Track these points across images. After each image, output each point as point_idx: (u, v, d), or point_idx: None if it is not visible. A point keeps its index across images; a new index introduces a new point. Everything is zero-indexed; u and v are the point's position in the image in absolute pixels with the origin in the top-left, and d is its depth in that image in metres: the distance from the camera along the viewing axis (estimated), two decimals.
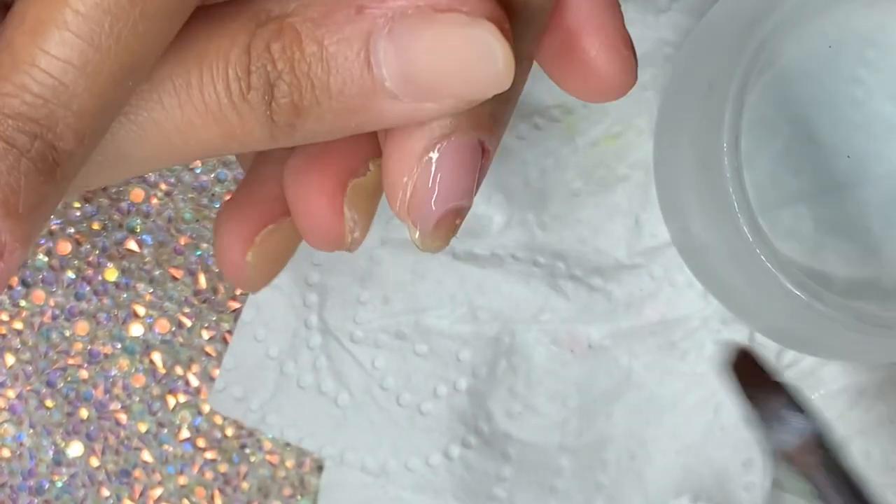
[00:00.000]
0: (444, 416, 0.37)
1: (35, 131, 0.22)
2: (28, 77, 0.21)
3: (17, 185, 0.22)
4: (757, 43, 0.31)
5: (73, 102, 0.22)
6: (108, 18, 0.21)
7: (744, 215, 0.32)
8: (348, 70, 0.24)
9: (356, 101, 0.24)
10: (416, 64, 0.24)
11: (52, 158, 0.22)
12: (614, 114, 0.37)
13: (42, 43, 0.21)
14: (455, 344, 0.37)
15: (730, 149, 0.32)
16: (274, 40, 0.24)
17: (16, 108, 0.21)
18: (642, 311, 0.37)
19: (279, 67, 0.24)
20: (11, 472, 0.38)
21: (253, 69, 0.24)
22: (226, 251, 0.30)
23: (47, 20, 0.21)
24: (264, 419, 0.37)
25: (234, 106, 0.24)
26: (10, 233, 0.22)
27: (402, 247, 0.37)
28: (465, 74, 0.24)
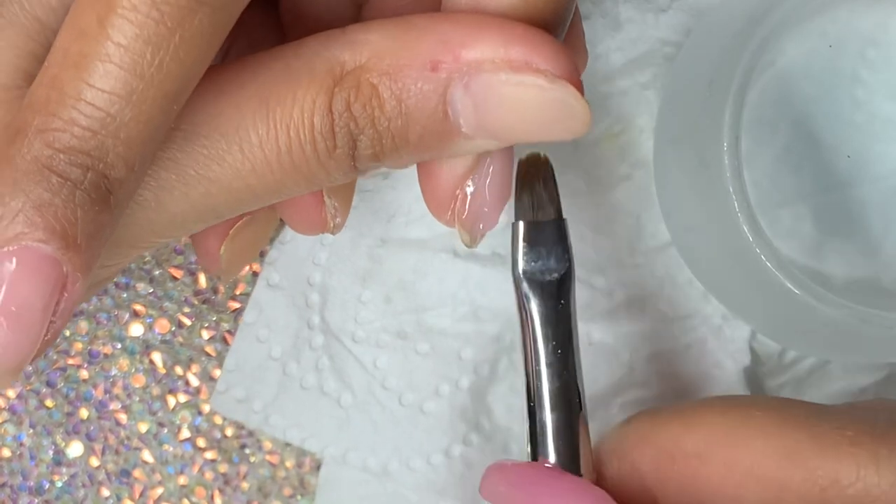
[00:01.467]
0: (446, 414, 0.37)
1: (87, 163, 0.22)
2: (76, 111, 0.22)
3: (73, 217, 0.22)
4: (757, 42, 0.31)
5: (122, 132, 0.22)
6: (149, 48, 0.22)
7: (744, 215, 0.32)
8: (426, 122, 0.25)
9: (432, 144, 0.25)
10: (494, 117, 0.25)
11: (105, 188, 0.22)
12: (615, 113, 0.37)
13: (87, 77, 0.22)
14: (457, 342, 0.37)
15: (730, 148, 0.31)
16: (354, 99, 0.24)
17: (66, 142, 0.22)
18: (643, 310, 0.37)
19: (361, 125, 0.24)
20: (11, 472, 0.38)
21: (337, 130, 0.24)
22: (202, 243, 0.31)
23: (90, 54, 0.22)
24: (267, 420, 0.37)
25: (322, 164, 0.25)
26: (72, 264, 0.22)
27: (403, 246, 0.37)
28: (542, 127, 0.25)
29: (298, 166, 0.25)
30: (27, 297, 0.22)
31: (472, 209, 0.27)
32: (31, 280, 0.22)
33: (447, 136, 0.25)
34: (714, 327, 0.37)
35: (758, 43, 0.31)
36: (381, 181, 0.37)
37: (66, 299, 0.23)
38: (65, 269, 0.22)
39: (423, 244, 0.37)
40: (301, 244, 0.37)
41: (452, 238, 0.37)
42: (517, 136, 0.25)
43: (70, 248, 0.22)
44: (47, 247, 0.22)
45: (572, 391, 0.29)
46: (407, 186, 0.37)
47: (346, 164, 0.25)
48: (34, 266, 0.22)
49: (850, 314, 0.32)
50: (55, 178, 0.22)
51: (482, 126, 0.25)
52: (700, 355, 0.37)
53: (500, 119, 0.25)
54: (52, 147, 0.22)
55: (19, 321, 0.22)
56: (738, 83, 0.31)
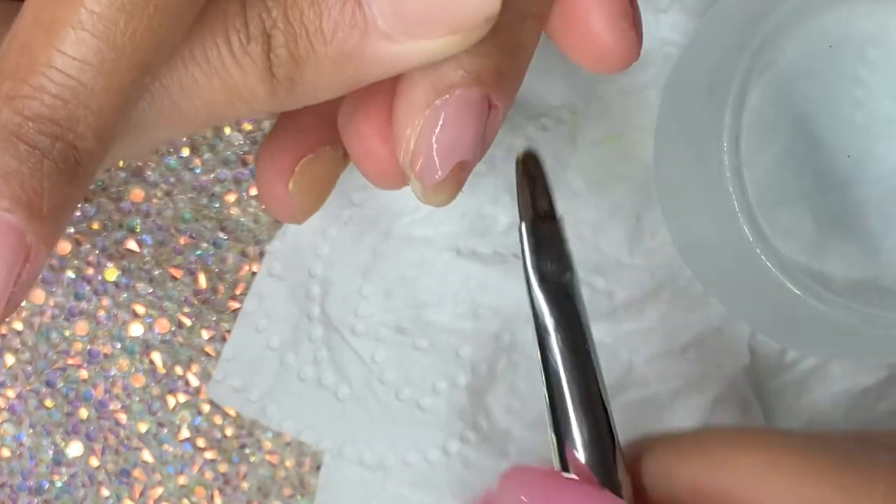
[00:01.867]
0: (443, 411, 0.37)
1: (56, 132, 0.22)
2: (45, 78, 0.21)
3: (40, 186, 0.22)
4: (757, 42, 0.32)
5: (93, 101, 0.22)
6: (122, 16, 0.21)
7: (744, 215, 0.32)
8: (339, 11, 0.24)
9: (350, 43, 0.24)
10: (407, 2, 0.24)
11: (73, 158, 0.22)
12: (615, 114, 0.37)
13: (58, 43, 0.21)
14: (455, 340, 0.37)
15: (730, 148, 0.32)
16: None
17: (35, 109, 0.22)
18: (643, 310, 0.37)
19: (273, 14, 0.24)
20: (11, 472, 0.38)
21: (249, 19, 0.24)
22: (268, 185, 0.30)
23: (62, 20, 0.21)
24: (263, 411, 0.37)
25: (236, 59, 0.24)
26: (36, 234, 0.22)
27: (406, 242, 0.37)
28: (451, 5, 0.24)
29: (211, 60, 0.24)
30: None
31: (417, 153, 0.26)
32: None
33: (363, 33, 0.24)
34: (714, 327, 0.37)
35: (758, 43, 0.32)
36: None
37: (27, 270, 0.22)
38: (28, 240, 0.22)
39: (426, 242, 0.37)
40: (304, 235, 0.37)
41: (456, 238, 0.37)
42: (428, 22, 0.24)
43: (35, 219, 0.22)
44: (12, 216, 0.21)
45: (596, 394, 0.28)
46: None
47: (261, 64, 0.24)
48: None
49: (850, 314, 0.32)
50: (23, 147, 0.21)
51: (396, 14, 0.24)
52: (700, 355, 0.37)
53: (412, 3, 0.24)
54: (21, 114, 0.21)
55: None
56: (739, 83, 0.31)
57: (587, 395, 0.28)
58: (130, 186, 0.38)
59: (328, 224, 0.37)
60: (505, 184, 0.37)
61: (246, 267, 0.38)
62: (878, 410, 0.38)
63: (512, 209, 0.37)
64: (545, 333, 0.28)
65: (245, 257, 0.38)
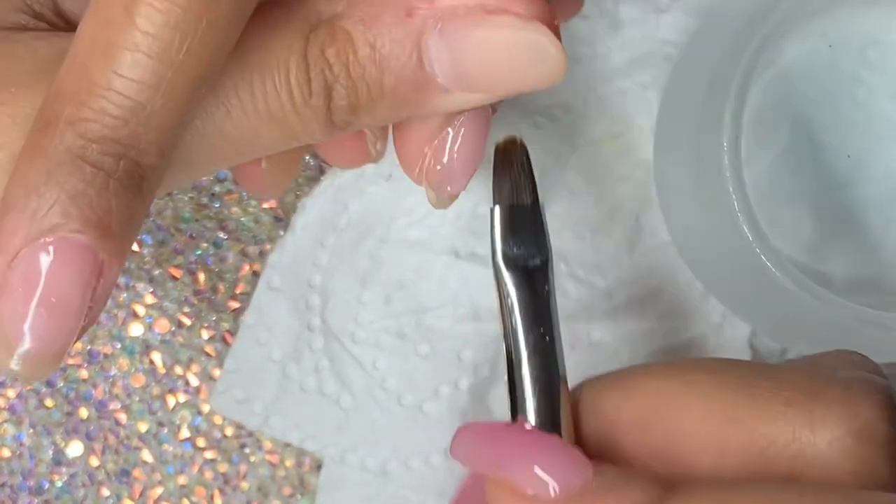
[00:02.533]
0: (446, 415, 0.37)
1: (119, 152, 0.22)
2: (106, 101, 0.22)
3: (108, 205, 0.22)
4: (757, 42, 0.32)
5: (153, 119, 0.22)
6: (177, 35, 0.22)
7: (744, 215, 0.32)
8: (401, 70, 0.25)
9: (409, 96, 0.25)
10: (469, 62, 0.25)
11: (137, 175, 0.23)
12: (615, 113, 0.37)
13: (116, 66, 0.22)
14: (457, 343, 0.37)
15: (730, 148, 0.32)
16: (328, 45, 0.24)
17: (98, 132, 0.22)
18: (643, 310, 0.37)
19: (336, 71, 0.24)
20: (11, 472, 0.38)
21: (312, 76, 0.24)
22: (241, 167, 0.30)
23: (118, 43, 0.22)
24: (267, 422, 0.37)
25: (297, 111, 0.25)
26: (107, 251, 0.23)
27: (403, 247, 0.37)
28: (517, 73, 0.25)
29: (273, 114, 0.24)
30: (66, 288, 0.22)
31: (440, 168, 0.27)
32: (68, 270, 0.22)
33: (423, 88, 0.25)
34: (714, 326, 0.37)
35: (758, 43, 0.32)
36: (383, 182, 0.37)
37: (101, 285, 0.23)
38: (100, 257, 0.22)
39: (424, 245, 0.37)
40: (302, 247, 0.37)
41: (453, 239, 0.37)
42: (493, 83, 0.25)
43: (106, 237, 0.22)
44: (83, 236, 0.22)
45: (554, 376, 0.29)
46: (409, 188, 0.37)
47: (322, 115, 0.25)
48: (71, 256, 0.22)
49: (850, 314, 0.32)
50: (88, 168, 0.22)
51: (457, 74, 0.25)
52: (700, 354, 0.38)
53: (474, 65, 0.25)
54: (85, 137, 0.22)
55: (59, 311, 0.22)
56: (739, 83, 0.31)
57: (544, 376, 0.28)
58: None
59: (325, 234, 0.37)
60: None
61: (246, 267, 0.38)
62: None
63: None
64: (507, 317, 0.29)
65: (245, 257, 0.38)
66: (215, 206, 0.38)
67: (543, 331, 0.28)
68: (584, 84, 0.37)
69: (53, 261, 0.22)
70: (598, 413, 0.29)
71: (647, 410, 0.28)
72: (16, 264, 0.22)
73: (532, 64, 0.25)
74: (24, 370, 0.23)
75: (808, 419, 0.26)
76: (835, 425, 0.26)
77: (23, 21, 0.26)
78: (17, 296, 0.22)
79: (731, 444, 0.27)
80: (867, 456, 0.26)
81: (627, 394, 0.29)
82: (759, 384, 0.27)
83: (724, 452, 0.27)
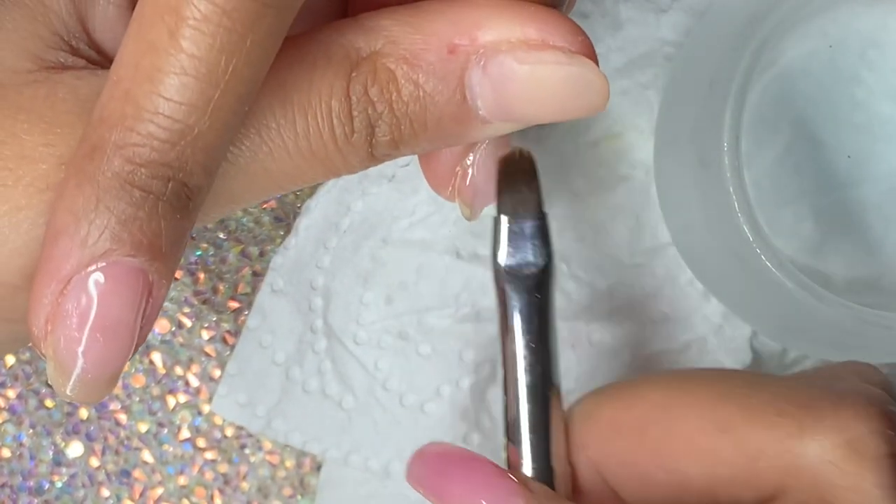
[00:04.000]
0: (447, 415, 0.37)
1: (168, 175, 0.22)
2: (153, 125, 0.22)
3: (158, 228, 0.22)
4: (757, 42, 0.32)
5: (199, 140, 0.22)
6: (223, 57, 0.22)
7: (744, 215, 0.32)
8: (444, 106, 0.25)
9: (450, 129, 0.25)
10: (513, 97, 0.25)
11: (185, 195, 0.23)
12: (615, 114, 0.37)
13: (162, 90, 0.22)
14: (458, 344, 0.37)
15: (730, 148, 0.32)
16: (371, 83, 0.24)
17: (146, 156, 0.22)
18: (644, 310, 0.37)
19: (379, 110, 0.24)
20: (11, 472, 0.38)
21: (355, 114, 0.24)
22: None
23: (164, 68, 0.22)
24: (269, 425, 0.37)
25: (339, 149, 0.25)
26: (158, 272, 0.23)
27: (405, 247, 0.37)
28: (562, 105, 0.25)
29: (316, 152, 0.25)
30: (118, 311, 0.23)
31: (472, 184, 0.28)
32: (121, 294, 0.22)
33: (465, 121, 0.25)
34: (714, 326, 0.37)
35: (758, 43, 0.32)
36: (386, 183, 0.37)
37: (151, 305, 0.23)
38: (151, 278, 0.23)
39: (425, 245, 0.37)
40: (305, 248, 0.37)
41: (455, 240, 0.37)
42: (536, 116, 0.25)
43: (156, 259, 0.23)
44: (135, 260, 0.22)
45: (546, 383, 0.29)
46: (411, 188, 0.37)
47: (363, 151, 0.25)
48: (124, 280, 0.22)
49: (850, 314, 0.32)
50: (138, 193, 0.22)
51: (500, 108, 0.25)
52: (700, 354, 0.37)
53: (518, 100, 0.25)
54: (133, 162, 0.22)
55: (112, 335, 0.23)
56: (739, 83, 0.31)
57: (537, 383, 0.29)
58: None
59: (328, 235, 0.37)
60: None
61: (246, 267, 0.38)
62: None
63: None
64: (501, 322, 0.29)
65: (245, 257, 0.38)
66: None
67: (540, 339, 0.29)
68: None
69: (106, 285, 0.22)
70: (598, 419, 0.29)
71: (645, 419, 0.28)
72: (69, 291, 0.22)
73: (577, 96, 0.25)
74: (80, 395, 0.23)
75: (798, 430, 0.27)
76: (824, 437, 0.26)
77: (61, 59, 0.26)
78: (72, 322, 0.22)
79: (724, 454, 0.27)
80: (857, 470, 0.26)
81: (627, 403, 0.29)
82: (753, 395, 0.28)
83: (716, 461, 0.27)
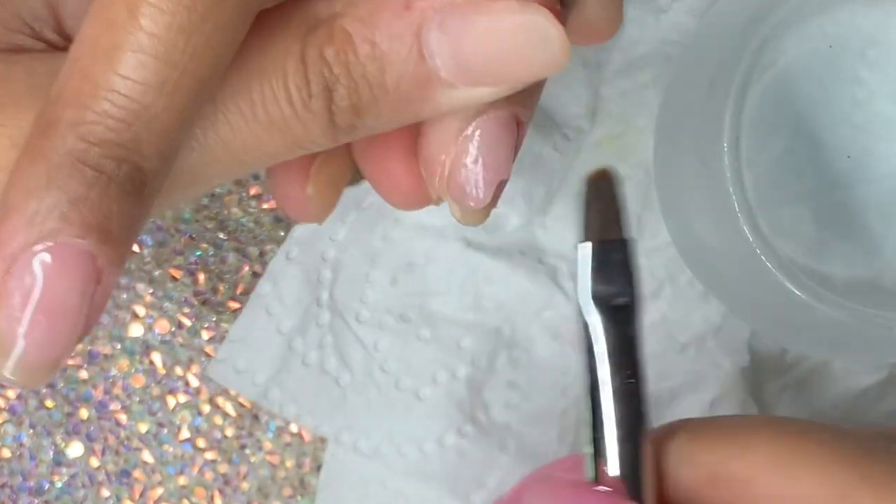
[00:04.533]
0: (442, 403, 0.37)
1: (121, 156, 0.22)
2: (108, 103, 0.22)
3: (109, 210, 0.22)
4: (758, 42, 0.31)
5: (155, 122, 0.22)
6: (181, 37, 0.22)
7: (744, 215, 0.32)
8: (402, 66, 0.24)
9: (412, 93, 0.24)
10: (470, 53, 0.24)
11: (139, 179, 0.22)
12: (615, 114, 0.37)
13: (119, 68, 0.22)
14: (457, 330, 0.37)
15: (730, 149, 0.32)
16: (327, 45, 0.24)
17: (100, 134, 0.22)
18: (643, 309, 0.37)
19: (336, 72, 0.24)
20: (11, 473, 0.38)
21: (311, 77, 0.24)
22: (284, 189, 0.30)
23: (122, 45, 0.22)
24: (266, 394, 0.37)
25: (298, 116, 0.24)
26: (107, 257, 0.22)
27: (417, 230, 0.37)
28: (520, 60, 0.24)
29: (274, 119, 0.24)
30: (64, 294, 0.22)
31: (458, 176, 0.26)
32: (67, 276, 0.22)
33: (426, 84, 0.24)
34: (714, 327, 0.37)
35: (758, 43, 0.31)
36: None
37: (99, 291, 0.22)
38: (100, 263, 0.22)
39: (437, 231, 0.37)
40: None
41: (466, 228, 0.37)
42: (494, 73, 0.24)
43: (106, 242, 0.22)
44: (83, 242, 0.22)
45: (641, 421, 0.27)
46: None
47: (323, 118, 0.24)
48: (70, 262, 0.22)
49: (851, 314, 0.32)
50: (89, 172, 0.22)
51: (459, 66, 0.24)
52: (699, 355, 0.37)
53: (474, 55, 0.24)
54: (86, 140, 0.22)
55: (56, 317, 0.22)
56: (739, 83, 0.31)
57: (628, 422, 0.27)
58: None
59: (348, 210, 0.37)
60: (521, 188, 0.37)
61: (246, 267, 0.38)
62: (878, 410, 0.38)
63: (526, 213, 0.37)
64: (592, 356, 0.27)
65: (245, 257, 0.38)
66: (215, 206, 0.38)
67: (630, 374, 0.27)
68: (585, 84, 0.37)
69: (52, 266, 0.22)
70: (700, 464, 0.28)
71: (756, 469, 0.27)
72: (14, 269, 0.22)
73: (533, 49, 0.24)
74: (20, 377, 0.22)
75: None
76: None
77: (19, 41, 0.25)
78: (14, 301, 0.22)
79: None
80: None
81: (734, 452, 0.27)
82: (874, 462, 0.26)
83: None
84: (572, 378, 0.37)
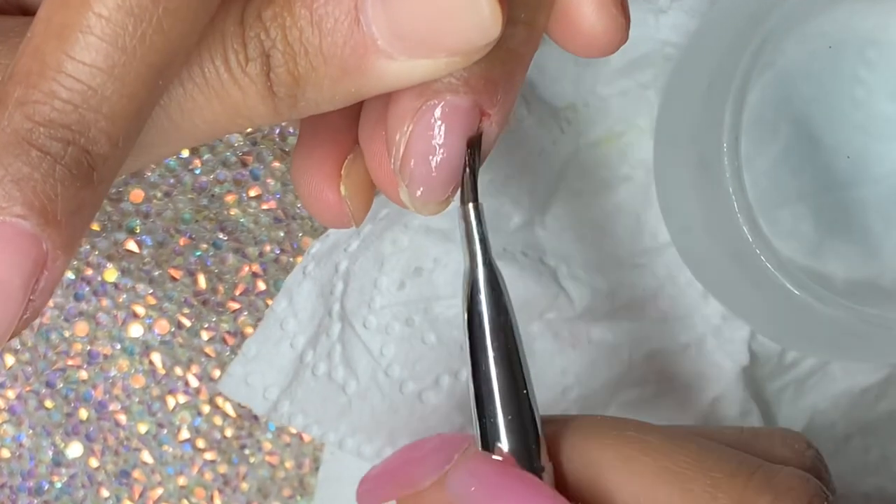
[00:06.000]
0: (444, 405, 0.37)
1: (67, 137, 0.22)
2: (56, 84, 0.21)
3: (53, 192, 0.22)
4: (757, 42, 0.32)
5: (104, 106, 0.22)
6: (131, 20, 0.21)
7: (744, 215, 0.32)
8: (339, 31, 0.24)
9: (350, 62, 0.24)
10: (403, 17, 0.24)
11: (87, 163, 0.22)
12: (615, 114, 0.37)
13: (68, 48, 0.21)
14: (461, 334, 0.37)
15: (730, 149, 0.32)
16: (265, 7, 0.24)
17: (46, 114, 0.22)
18: (643, 309, 0.37)
19: (272, 35, 0.24)
20: (11, 473, 0.38)
21: (248, 39, 0.23)
22: (316, 194, 0.29)
23: (72, 25, 0.21)
24: (276, 407, 0.37)
25: (235, 80, 0.24)
26: (52, 240, 0.22)
27: (425, 234, 0.37)
28: (451, 25, 0.24)
29: (211, 83, 0.24)
30: (4, 274, 0.22)
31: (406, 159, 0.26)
32: (8, 256, 0.22)
33: (363, 51, 0.24)
34: (713, 327, 0.37)
35: (758, 43, 0.32)
36: None
37: (45, 277, 0.22)
38: (45, 247, 0.22)
39: (445, 235, 0.37)
40: (341, 234, 0.37)
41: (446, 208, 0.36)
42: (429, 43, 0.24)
43: (50, 225, 0.22)
44: (26, 222, 0.21)
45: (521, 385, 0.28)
46: None
47: (261, 85, 0.24)
48: (12, 241, 0.22)
49: (850, 314, 0.32)
50: (35, 152, 0.21)
51: (394, 34, 0.24)
52: (699, 355, 0.38)
53: (408, 21, 0.24)
54: (32, 120, 0.21)
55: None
56: (739, 83, 0.31)
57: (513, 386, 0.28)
58: (130, 187, 0.38)
59: (364, 222, 0.37)
60: (527, 185, 0.37)
61: (246, 267, 0.38)
62: (878, 410, 0.38)
63: (528, 210, 0.37)
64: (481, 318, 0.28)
65: (245, 258, 0.38)
66: (215, 207, 0.38)
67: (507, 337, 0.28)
68: (585, 85, 0.37)
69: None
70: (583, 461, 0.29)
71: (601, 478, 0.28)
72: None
73: (464, 14, 0.24)
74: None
75: None
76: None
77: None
78: None
79: None
80: None
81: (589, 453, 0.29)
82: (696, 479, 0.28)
83: None
84: (572, 378, 0.37)
